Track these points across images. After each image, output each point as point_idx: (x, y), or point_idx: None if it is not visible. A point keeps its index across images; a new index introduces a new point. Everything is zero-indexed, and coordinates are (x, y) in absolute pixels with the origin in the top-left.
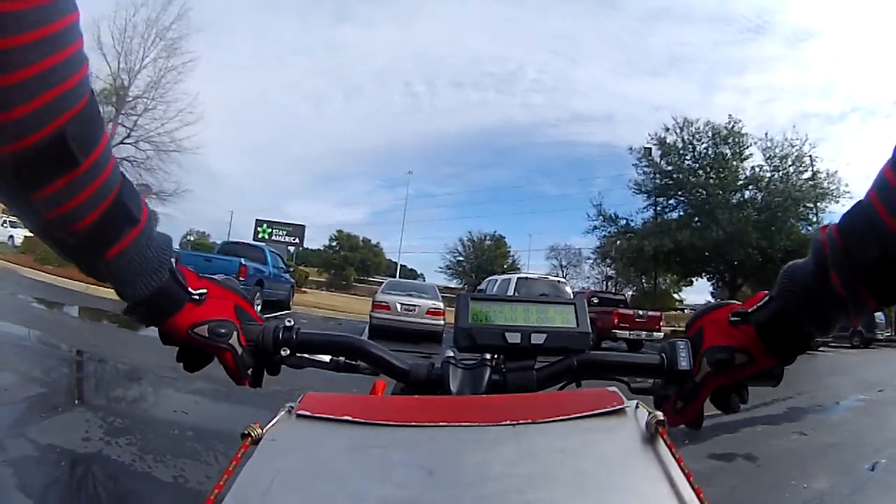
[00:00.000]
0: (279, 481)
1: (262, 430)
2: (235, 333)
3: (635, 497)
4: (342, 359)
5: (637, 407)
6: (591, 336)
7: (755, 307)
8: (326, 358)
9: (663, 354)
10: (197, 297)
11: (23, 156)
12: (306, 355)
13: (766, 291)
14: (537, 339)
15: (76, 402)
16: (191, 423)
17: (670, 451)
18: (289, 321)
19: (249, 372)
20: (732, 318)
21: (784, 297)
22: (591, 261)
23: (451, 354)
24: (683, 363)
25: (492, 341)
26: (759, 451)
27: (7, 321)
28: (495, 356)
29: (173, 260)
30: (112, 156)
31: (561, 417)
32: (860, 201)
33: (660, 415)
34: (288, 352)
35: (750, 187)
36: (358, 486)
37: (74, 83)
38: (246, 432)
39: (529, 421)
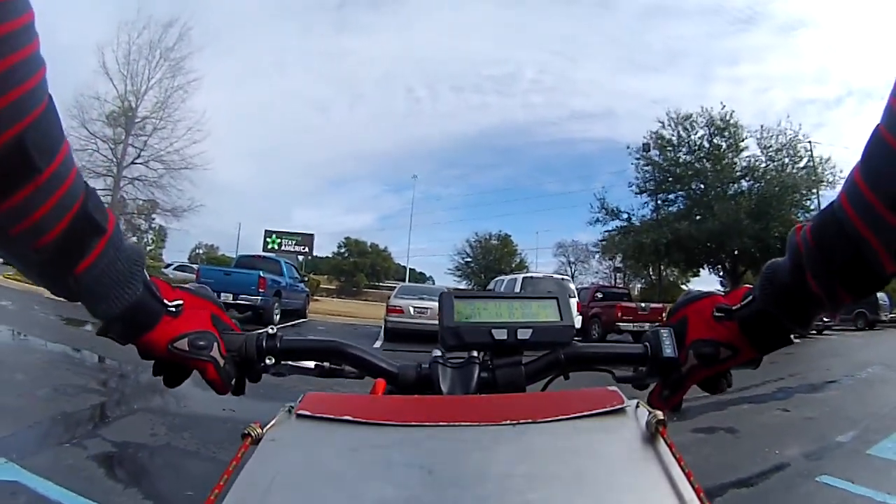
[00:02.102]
0: (279, 481)
1: (262, 430)
2: (216, 344)
3: (636, 496)
4: (327, 364)
5: (637, 406)
6: (575, 328)
7: (739, 305)
8: (311, 364)
9: (647, 343)
10: (173, 309)
11: None
12: (290, 362)
13: (750, 286)
14: (523, 334)
15: (135, 406)
16: (242, 419)
17: (671, 450)
18: (271, 329)
19: (232, 382)
20: (717, 314)
21: (765, 297)
22: (598, 255)
23: (439, 354)
24: (668, 350)
25: (479, 339)
26: (741, 425)
27: (49, 339)
28: (483, 354)
29: (146, 272)
30: (74, 163)
31: (561, 417)
32: (832, 202)
33: (660, 414)
34: (273, 360)
35: (746, 178)
36: (358, 485)
37: (33, 85)
38: (246, 432)
39: (529, 420)
